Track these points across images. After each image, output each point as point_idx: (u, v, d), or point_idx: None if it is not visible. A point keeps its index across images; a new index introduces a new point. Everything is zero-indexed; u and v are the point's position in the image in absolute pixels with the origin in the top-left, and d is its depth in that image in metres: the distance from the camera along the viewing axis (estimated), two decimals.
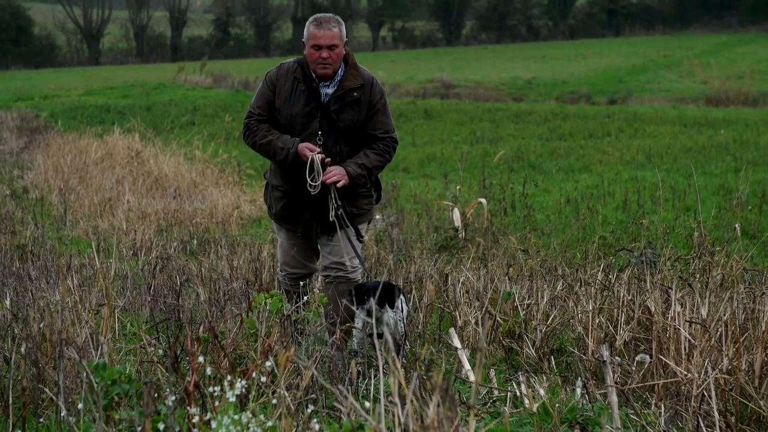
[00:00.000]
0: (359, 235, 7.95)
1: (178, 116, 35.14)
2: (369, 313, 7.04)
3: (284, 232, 8.05)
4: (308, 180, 7.59)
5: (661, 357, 6.78)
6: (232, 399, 4.75)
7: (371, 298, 7.04)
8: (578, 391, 6.47)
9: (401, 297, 7.43)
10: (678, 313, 6.84)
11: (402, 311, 7.37)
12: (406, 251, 12.83)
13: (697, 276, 9.78)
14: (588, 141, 29.54)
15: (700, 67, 56.50)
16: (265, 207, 8.82)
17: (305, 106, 7.64)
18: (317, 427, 4.48)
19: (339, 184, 7.60)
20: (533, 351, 7.72)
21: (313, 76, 7.65)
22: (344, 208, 7.68)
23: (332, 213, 7.70)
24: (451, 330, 6.81)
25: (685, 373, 6.46)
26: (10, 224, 15.56)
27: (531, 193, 17.58)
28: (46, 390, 5.71)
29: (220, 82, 49.72)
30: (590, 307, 7.60)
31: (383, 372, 4.65)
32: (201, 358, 4.99)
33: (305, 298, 7.03)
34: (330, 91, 7.66)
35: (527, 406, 5.98)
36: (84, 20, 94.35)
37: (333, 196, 7.66)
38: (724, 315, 6.97)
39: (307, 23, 7.65)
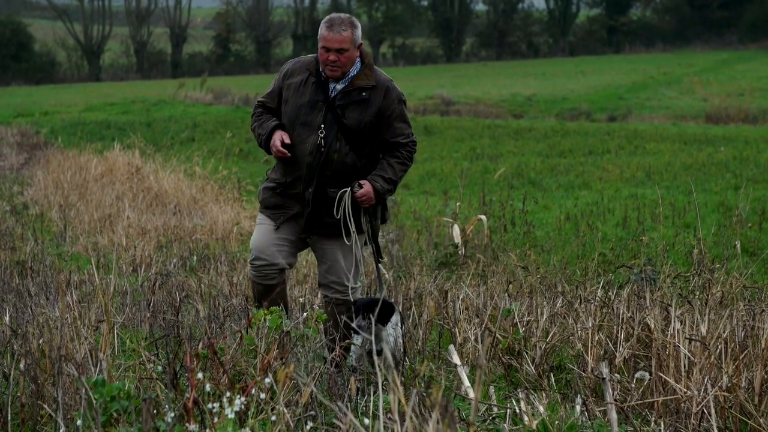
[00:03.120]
0: (379, 255, 7.95)
1: (178, 132, 35.18)
2: (363, 329, 6.99)
3: (264, 217, 7.91)
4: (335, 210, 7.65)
5: (661, 374, 6.77)
6: (231, 415, 4.75)
7: (368, 314, 7.00)
8: (578, 408, 6.46)
9: (398, 316, 7.38)
10: (677, 330, 6.84)
11: (400, 328, 7.32)
12: (405, 268, 12.82)
13: (697, 293, 9.78)
14: (588, 158, 29.53)
15: (700, 85, 56.51)
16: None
17: (312, 98, 7.60)
18: None
19: (366, 204, 7.66)
20: (533, 368, 7.72)
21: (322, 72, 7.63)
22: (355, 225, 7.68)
23: (352, 232, 7.71)
24: (451, 347, 6.80)
25: (685, 390, 6.46)
26: (9, 240, 15.55)
27: (531, 210, 17.58)
28: (45, 406, 5.71)
29: (220, 98, 49.74)
30: (590, 324, 7.60)
31: (383, 389, 4.64)
32: (200, 375, 4.98)
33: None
34: (339, 86, 7.60)
35: (527, 423, 5.97)
36: (84, 36, 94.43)
37: (348, 216, 7.67)
38: (724, 332, 6.97)
39: (322, 22, 7.58)
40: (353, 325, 7.14)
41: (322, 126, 7.58)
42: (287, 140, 7.57)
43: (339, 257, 7.74)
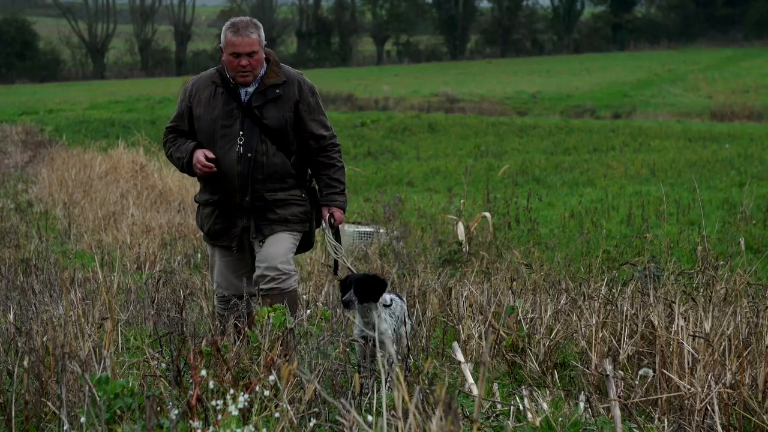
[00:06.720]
0: (335, 270, 8.06)
1: None
2: (346, 305, 6.85)
3: (218, 250, 7.88)
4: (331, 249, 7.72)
5: (665, 371, 6.77)
6: (235, 412, 4.75)
7: (350, 291, 6.83)
8: (581, 405, 6.46)
9: (400, 300, 7.24)
10: (681, 327, 6.84)
11: (401, 313, 7.18)
12: (410, 265, 12.82)
13: (701, 290, 9.76)
14: (592, 155, 29.54)
15: (704, 82, 56.51)
16: (200, 232, 8.76)
17: (225, 107, 7.54)
18: None
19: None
20: (536, 365, 7.72)
21: (231, 80, 7.59)
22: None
23: (332, 253, 7.81)
24: (455, 344, 6.80)
25: (689, 387, 6.46)
26: (14, 238, 15.55)
27: (535, 207, 17.56)
28: (49, 404, 5.72)
29: None
30: (593, 321, 7.59)
31: (386, 385, 4.65)
32: (204, 372, 4.98)
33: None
34: (251, 89, 7.56)
35: (530, 420, 5.97)
36: (89, 34, 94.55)
37: (330, 238, 7.78)
38: (728, 329, 6.97)
39: (224, 29, 7.54)
40: (341, 299, 7.00)
41: (241, 133, 7.51)
42: (210, 155, 7.52)
43: (273, 242, 7.65)
